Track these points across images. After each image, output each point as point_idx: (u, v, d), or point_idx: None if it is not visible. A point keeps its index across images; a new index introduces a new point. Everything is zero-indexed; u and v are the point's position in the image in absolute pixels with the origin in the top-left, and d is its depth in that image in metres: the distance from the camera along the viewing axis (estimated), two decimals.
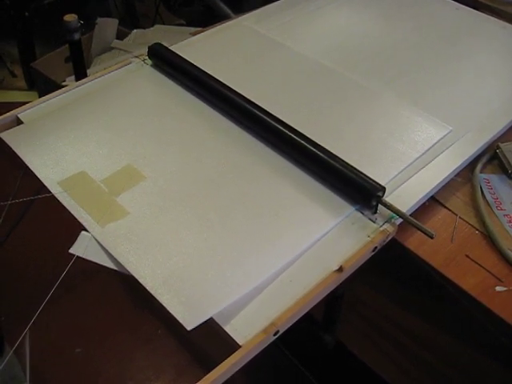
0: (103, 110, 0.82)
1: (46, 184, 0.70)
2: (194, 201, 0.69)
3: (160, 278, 0.59)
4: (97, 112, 0.82)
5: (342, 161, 0.71)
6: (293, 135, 0.74)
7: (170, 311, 0.56)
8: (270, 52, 0.97)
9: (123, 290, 1.33)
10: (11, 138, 0.77)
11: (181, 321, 0.55)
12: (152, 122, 0.81)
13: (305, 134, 0.75)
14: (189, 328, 0.55)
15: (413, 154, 0.76)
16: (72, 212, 0.66)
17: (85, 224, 0.65)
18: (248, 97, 0.81)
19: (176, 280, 0.59)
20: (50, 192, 0.69)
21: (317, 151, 0.72)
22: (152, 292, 0.58)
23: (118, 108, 0.83)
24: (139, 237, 0.64)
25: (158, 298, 0.57)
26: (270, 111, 0.78)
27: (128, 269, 0.60)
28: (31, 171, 0.72)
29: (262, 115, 0.77)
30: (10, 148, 0.76)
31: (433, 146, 0.78)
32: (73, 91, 0.86)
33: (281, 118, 0.77)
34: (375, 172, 0.71)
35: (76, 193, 0.68)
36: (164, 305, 0.57)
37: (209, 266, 0.61)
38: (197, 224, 0.66)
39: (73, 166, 0.73)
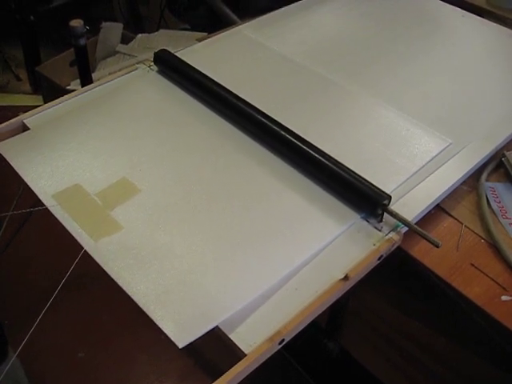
0: (105, 119, 0.82)
1: (39, 197, 0.69)
2: (191, 214, 0.68)
3: (152, 295, 0.58)
4: (98, 121, 0.81)
5: (348, 169, 0.71)
6: (299, 143, 0.74)
7: (162, 328, 0.55)
8: (268, 61, 0.96)
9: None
10: (7, 148, 0.76)
11: (172, 338, 0.54)
12: (154, 132, 0.80)
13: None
14: (180, 346, 0.54)
15: (411, 168, 0.76)
16: (65, 226, 0.65)
17: (78, 238, 0.64)
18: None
19: (169, 296, 0.58)
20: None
21: (323, 159, 0.72)
22: (144, 309, 0.57)
23: (121, 117, 0.83)
24: (132, 252, 0.63)
25: (149, 314, 0.56)
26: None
27: (120, 284, 0.59)
28: None
29: (267, 122, 0.77)
30: None
31: (432, 159, 0.78)
32: (79, 97, 0.87)
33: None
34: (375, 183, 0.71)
35: (70, 206, 0.68)
36: (156, 322, 0.56)
37: (204, 281, 0.60)
38: (193, 238, 0.65)
39: (68, 178, 0.72)
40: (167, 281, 0.60)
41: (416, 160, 0.77)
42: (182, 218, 0.67)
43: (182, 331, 0.55)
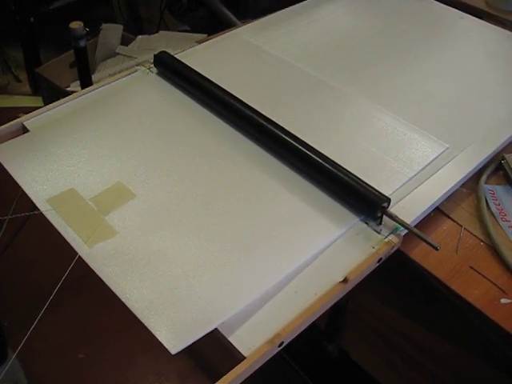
0: (104, 122, 0.82)
1: (34, 201, 0.68)
2: (186, 218, 0.68)
3: (146, 301, 0.58)
4: (96, 125, 0.81)
5: (347, 171, 0.71)
6: (298, 145, 0.74)
7: (155, 335, 0.55)
8: (266, 64, 0.96)
9: None
10: (3, 152, 0.76)
11: (165, 345, 0.54)
12: (152, 135, 0.80)
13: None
14: (173, 352, 0.54)
15: (408, 173, 0.76)
16: (60, 231, 0.65)
17: (72, 244, 0.63)
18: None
19: (162, 302, 0.58)
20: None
21: (322, 161, 0.72)
22: (137, 315, 0.57)
23: (120, 119, 0.83)
24: (127, 258, 0.63)
25: (143, 321, 0.56)
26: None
27: (114, 290, 0.59)
28: None
29: (267, 125, 0.77)
30: None
31: (428, 164, 0.77)
32: (79, 99, 0.87)
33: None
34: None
35: (64, 211, 0.67)
36: (149, 328, 0.56)
37: (198, 286, 0.60)
38: (188, 243, 0.65)
39: (63, 182, 0.71)
40: (161, 287, 0.60)
41: (413, 165, 0.77)
42: (177, 223, 0.67)
43: (175, 337, 0.55)
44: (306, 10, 1.13)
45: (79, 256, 0.62)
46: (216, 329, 0.57)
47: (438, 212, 0.75)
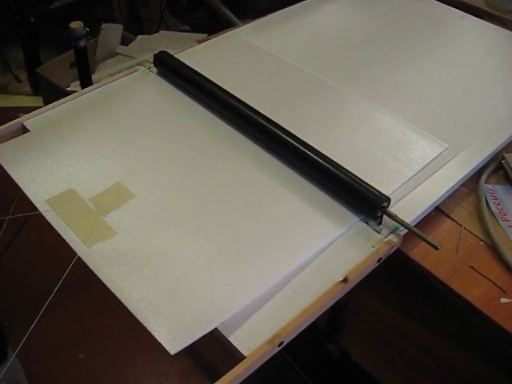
0: (103, 122, 0.81)
1: (33, 202, 0.68)
2: (186, 218, 0.68)
3: (145, 301, 0.58)
4: (96, 125, 0.81)
5: (347, 171, 0.71)
6: (298, 145, 0.74)
7: (154, 335, 0.55)
8: (266, 64, 0.96)
9: None
10: (2, 152, 0.76)
11: (164, 345, 0.54)
12: (151, 135, 0.80)
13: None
14: (172, 353, 0.54)
15: (408, 173, 0.76)
16: (59, 231, 0.65)
17: (71, 244, 0.63)
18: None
19: (162, 303, 0.58)
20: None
21: (322, 161, 0.72)
22: (136, 315, 0.57)
23: (119, 119, 0.82)
24: (126, 258, 0.62)
25: (142, 321, 0.56)
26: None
27: (113, 291, 0.59)
28: None
29: (267, 125, 0.77)
30: None
31: (428, 164, 0.77)
32: (78, 99, 0.86)
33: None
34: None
35: (64, 211, 0.67)
36: (148, 328, 0.55)
37: (198, 287, 0.60)
38: (187, 243, 0.65)
39: (62, 183, 0.71)
40: (160, 287, 0.60)
41: (413, 165, 0.77)
42: (176, 223, 0.67)
43: (174, 338, 0.55)
44: (306, 10, 1.13)
45: (78, 256, 0.62)
46: (216, 328, 0.56)
47: (437, 211, 0.75)
